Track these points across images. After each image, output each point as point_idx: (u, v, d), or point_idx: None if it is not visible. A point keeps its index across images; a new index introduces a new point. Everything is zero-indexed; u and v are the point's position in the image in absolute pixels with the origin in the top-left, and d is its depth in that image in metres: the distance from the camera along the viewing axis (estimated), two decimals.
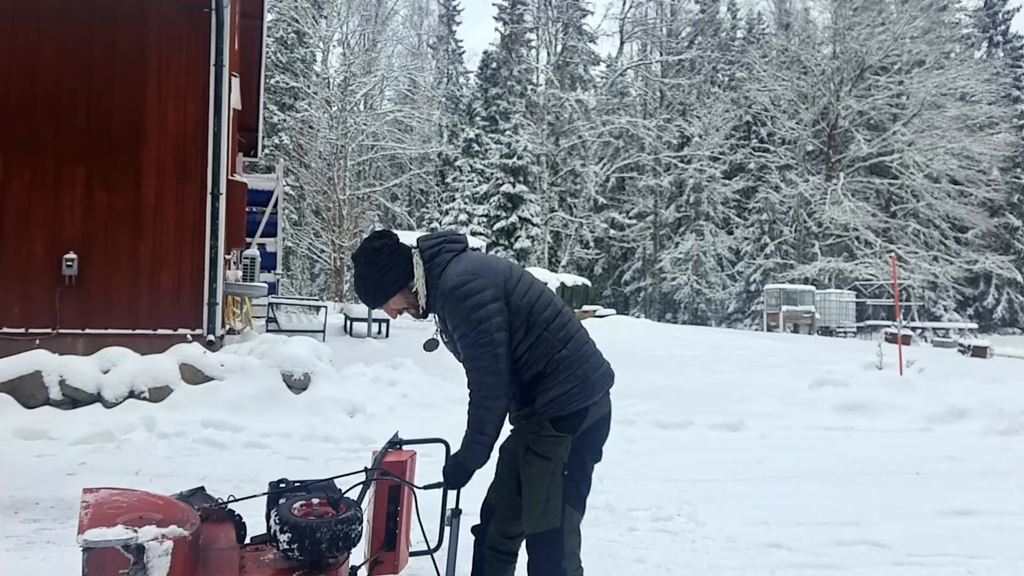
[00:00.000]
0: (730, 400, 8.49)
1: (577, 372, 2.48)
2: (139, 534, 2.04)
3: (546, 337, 2.46)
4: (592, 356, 2.56)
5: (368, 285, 2.52)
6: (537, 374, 2.47)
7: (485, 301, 2.38)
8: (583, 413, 2.49)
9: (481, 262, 2.49)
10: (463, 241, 2.59)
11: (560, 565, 2.47)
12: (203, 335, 8.57)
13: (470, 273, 2.42)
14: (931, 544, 4.09)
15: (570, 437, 2.48)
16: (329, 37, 36.47)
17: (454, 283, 2.42)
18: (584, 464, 2.55)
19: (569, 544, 2.50)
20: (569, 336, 2.51)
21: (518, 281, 2.51)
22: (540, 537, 2.49)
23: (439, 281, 2.47)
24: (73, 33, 8.51)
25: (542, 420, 2.46)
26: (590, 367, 2.52)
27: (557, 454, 2.47)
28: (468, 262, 2.47)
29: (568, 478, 2.48)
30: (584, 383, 2.48)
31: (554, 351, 2.47)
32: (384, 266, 2.48)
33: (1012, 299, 35.96)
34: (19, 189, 8.35)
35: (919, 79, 31.77)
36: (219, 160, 8.72)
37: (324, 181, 30.55)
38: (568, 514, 2.48)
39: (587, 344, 2.57)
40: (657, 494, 4.95)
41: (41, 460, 5.57)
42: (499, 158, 33.38)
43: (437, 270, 2.48)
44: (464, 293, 2.39)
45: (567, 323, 2.53)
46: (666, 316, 36.52)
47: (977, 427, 7.46)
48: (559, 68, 38.55)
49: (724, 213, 36.93)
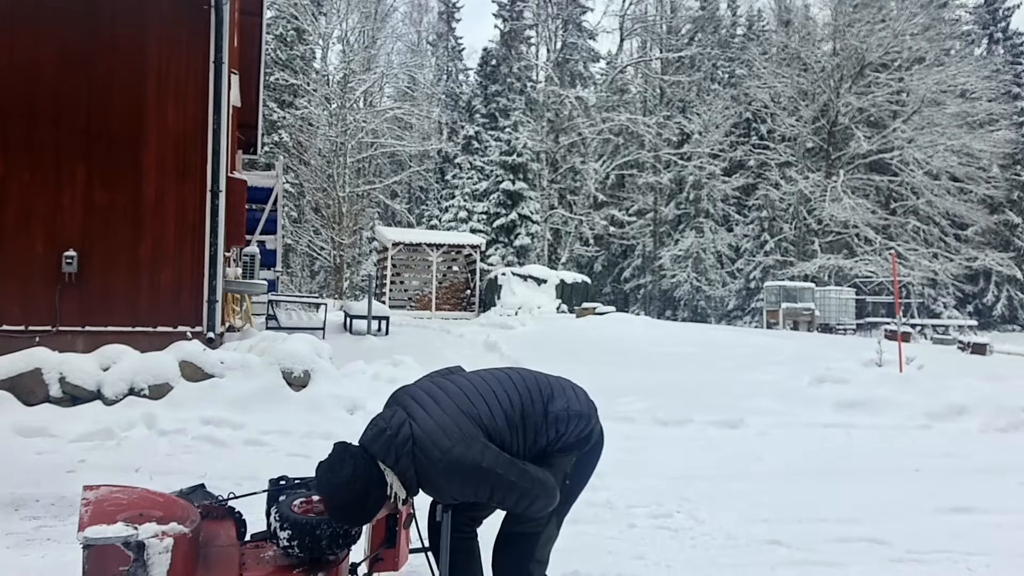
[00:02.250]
0: (730, 397, 8.49)
1: (570, 415, 2.56)
2: (139, 531, 2.04)
3: (530, 423, 2.51)
4: (568, 395, 2.63)
5: (352, 516, 2.41)
6: (542, 445, 2.54)
7: (474, 457, 2.31)
8: (589, 435, 2.61)
9: (440, 427, 2.35)
10: (403, 421, 2.40)
11: (526, 567, 2.52)
12: (203, 332, 8.57)
13: (441, 448, 2.32)
14: (930, 541, 4.10)
15: (576, 453, 2.57)
16: (328, 34, 36.43)
17: (440, 467, 2.32)
18: (582, 480, 2.64)
19: (541, 552, 2.54)
20: (544, 403, 2.56)
21: (479, 410, 2.45)
22: (517, 537, 2.52)
23: (413, 466, 2.36)
24: (73, 31, 8.50)
25: (552, 451, 2.54)
26: (573, 403, 2.60)
27: (560, 465, 2.54)
28: (431, 437, 2.34)
29: (566, 488, 2.55)
30: (579, 417, 2.58)
31: (543, 424, 2.53)
32: (362, 493, 2.35)
33: (1012, 296, 35.95)
34: (19, 187, 8.35)
35: (919, 76, 31.73)
36: (219, 157, 8.72)
37: (324, 178, 30.54)
38: (551, 523, 2.53)
39: (557, 388, 2.63)
40: (656, 491, 4.96)
41: (41, 457, 5.58)
42: (499, 155, 33.34)
43: (406, 467, 2.36)
44: (452, 466, 2.31)
45: (531, 396, 2.55)
46: (666, 313, 36.51)
47: (976, 424, 7.47)
48: (559, 65, 38.50)
49: (724, 210, 36.90)
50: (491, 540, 2.67)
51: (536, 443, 2.51)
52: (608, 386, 9.12)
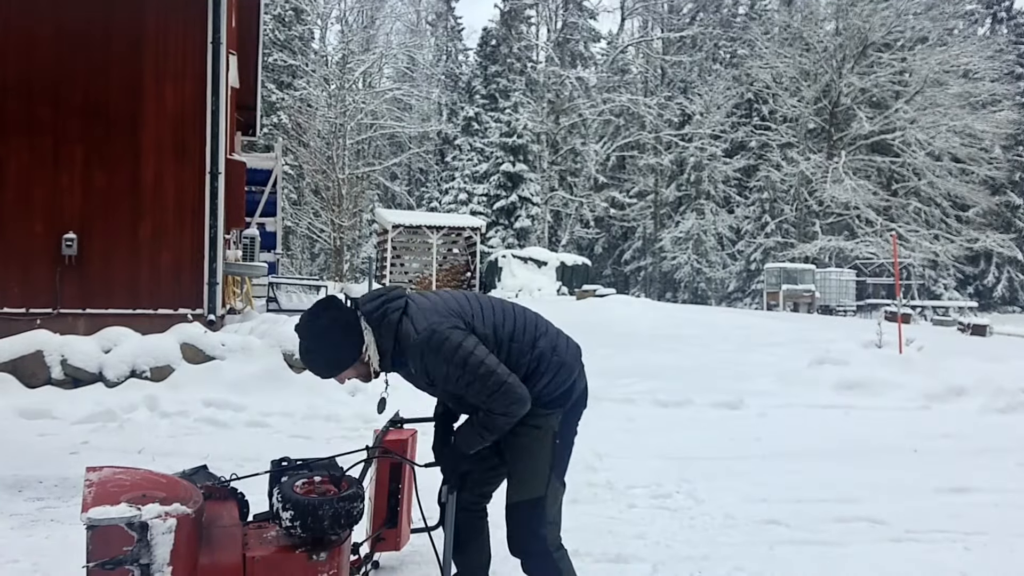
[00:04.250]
0: (729, 379, 8.50)
1: (553, 360, 2.55)
2: (142, 512, 2.05)
3: (516, 348, 2.51)
4: (558, 339, 2.63)
5: (321, 362, 2.46)
6: (521, 379, 2.51)
7: (458, 340, 2.37)
8: (571, 389, 2.58)
9: (434, 307, 2.46)
10: (403, 295, 2.52)
11: (540, 532, 2.52)
12: (204, 315, 8.58)
13: (431, 324, 2.39)
14: (929, 521, 4.12)
15: (561, 410, 2.55)
16: (327, 14, 36.23)
17: (422, 337, 2.38)
18: (570, 435, 2.62)
19: (551, 513, 2.55)
20: (535, 336, 2.57)
21: (473, 310, 2.52)
22: (524, 504, 2.53)
23: (394, 342, 2.43)
24: (70, 12, 8.44)
25: (535, 407, 2.50)
26: (561, 350, 2.60)
27: (548, 424, 2.53)
28: (423, 312, 2.44)
29: (557, 447, 2.55)
30: (562, 366, 2.56)
31: (526, 355, 2.52)
32: (335, 342, 2.41)
33: (1012, 277, 35.94)
34: (18, 169, 8.33)
35: (922, 56, 31.51)
36: (217, 139, 8.68)
37: (323, 160, 30.44)
38: (552, 483, 2.53)
39: (550, 331, 2.64)
40: (656, 472, 4.98)
41: (44, 439, 5.60)
42: (499, 137, 33.21)
43: (388, 332, 2.43)
44: (436, 344, 2.37)
45: (527, 324, 2.59)
46: (666, 295, 36.51)
47: (976, 405, 7.48)
48: (559, 45, 38.24)
49: (725, 192, 36.79)
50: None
51: (516, 370, 2.49)
52: (608, 368, 9.14)
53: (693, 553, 3.62)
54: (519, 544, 2.54)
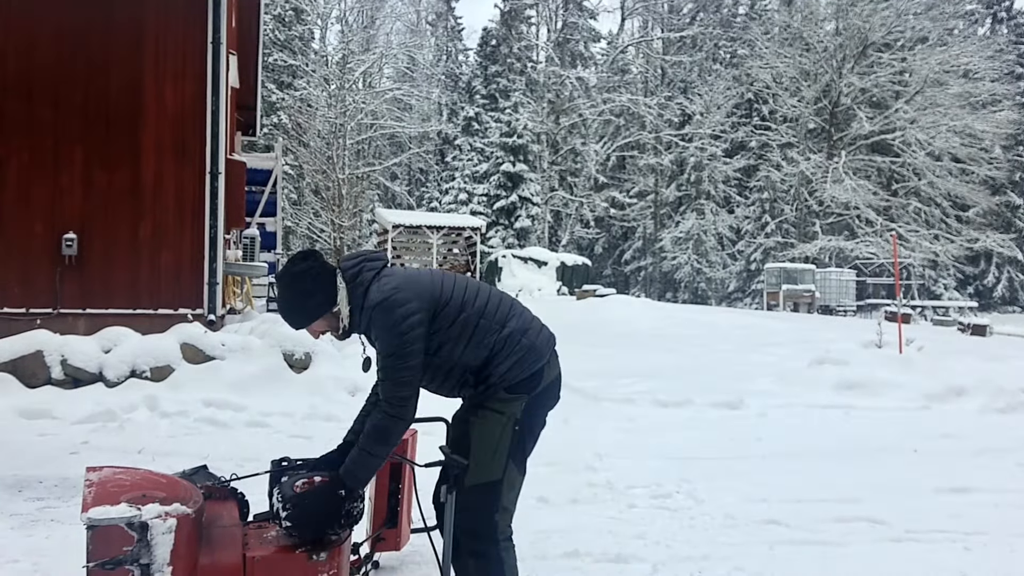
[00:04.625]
0: (729, 379, 8.50)
1: (522, 342, 2.54)
2: (143, 512, 2.05)
3: (483, 324, 2.52)
4: (532, 324, 2.63)
5: (293, 309, 2.52)
6: (485, 358, 2.52)
7: (410, 313, 2.40)
8: (538, 375, 2.56)
9: (405, 277, 2.52)
10: (383, 258, 2.61)
11: (493, 517, 2.50)
12: (204, 315, 8.58)
13: (394, 288, 2.45)
14: (929, 521, 4.12)
15: (526, 396, 2.53)
16: (327, 14, 36.22)
17: (380, 297, 2.43)
18: (534, 425, 2.59)
19: (506, 498, 2.53)
20: (505, 316, 2.57)
21: (442, 286, 2.54)
22: (478, 488, 2.51)
23: (363, 300, 2.48)
24: (70, 11, 8.44)
25: (497, 391, 2.51)
26: (532, 333, 2.59)
27: (510, 410, 2.51)
28: (392, 278, 2.49)
29: (517, 434, 2.52)
30: (530, 349, 2.55)
31: (494, 334, 2.52)
32: (308, 290, 2.48)
33: (1012, 277, 35.94)
34: (18, 169, 8.33)
35: (922, 56, 31.51)
36: (218, 139, 8.68)
37: (323, 160, 30.41)
38: (509, 469, 2.51)
39: (524, 315, 2.64)
40: (656, 472, 4.98)
41: (44, 439, 5.60)
42: (499, 137, 33.21)
43: (360, 290, 2.48)
44: (389, 305, 2.41)
45: (500, 304, 2.59)
46: (666, 295, 36.51)
47: (976, 405, 7.48)
48: (559, 45, 38.25)
49: (725, 192, 36.79)
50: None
51: (489, 354, 2.50)
52: (608, 368, 9.14)
53: (693, 553, 3.62)
54: (470, 524, 2.51)
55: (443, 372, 2.55)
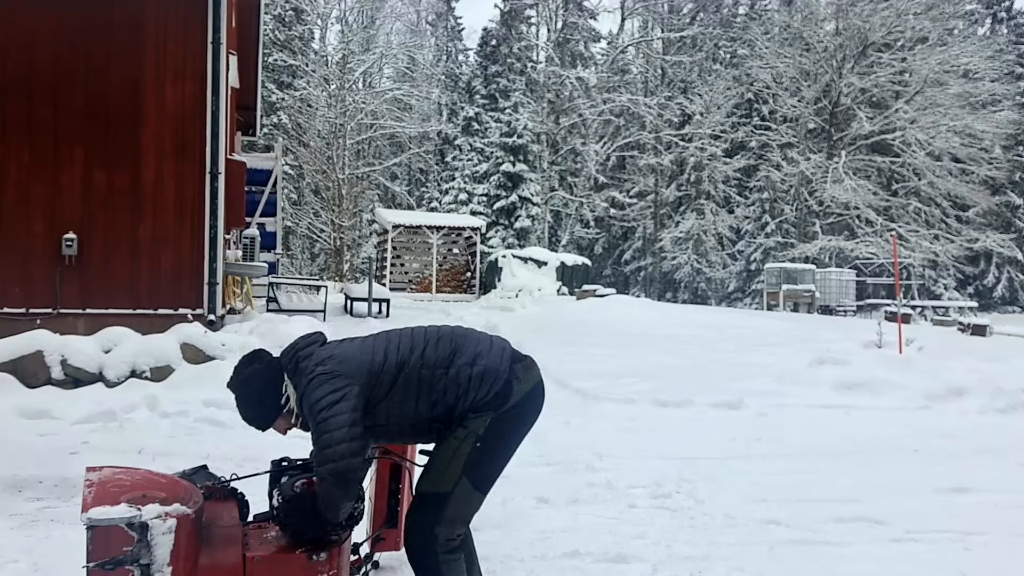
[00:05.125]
0: (729, 379, 8.50)
1: (472, 372, 2.51)
2: (142, 512, 2.05)
3: (426, 374, 2.50)
4: (478, 349, 2.58)
5: (248, 417, 2.56)
6: (446, 404, 2.50)
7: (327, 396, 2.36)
8: (504, 392, 2.52)
9: (334, 356, 2.47)
10: (316, 340, 2.57)
11: (432, 530, 2.47)
12: (204, 315, 8.58)
13: (320, 373, 2.41)
14: (929, 521, 4.12)
15: (491, 413, 2.50)
16: (327, 14, 36.16)
17: (305, 383, 2.42)
18: (499, 444, 2.54)
19: (451, 512, 2.49)
20: (448, 355, 2.54)
21: (374, 356, 2.50)
22: (427, 496, 2.51)
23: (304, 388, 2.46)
24: (70, 11, 8.45)
25: (466, 414, 2.51)
26: (481, 358, 2.54)
27: (473, 426, 2.50)
28: (319, 360, 2.46)
29: (477, 450, 2.49)
30: (484, 374, 2.51)
31: (441, 379, 2.50)
32: (256, 396, 2.51)
33: (1012, 278, 35.93)
34: (18, 169, 8.33)
35: (922, 56, 31.49)
36: (218, 139, 8.68)
37: (323, 160, 30.41)
38: (462, 484, 2.48)
39: (466, 347, 2.58)
40: (657, 472, 4.98)
41: (44, 439, 5.61)
42: (499, 137, 33.20)
43: (303, 380, 2.46)
44: (310, 389, 2.39)
45: (438, 347, 2.55)
46: (666, 295, 36.49)
47: (976, 405, 7.48)
48: (559, 45, 38.22)
49: (725, 192, 36.78)
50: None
51: (443, 398, 2.48)
52: (608, 368, 9.15)
53: (693, 553, 3.62)
54: (410, 533, 2.52)
55: (410, 426, 2.54)
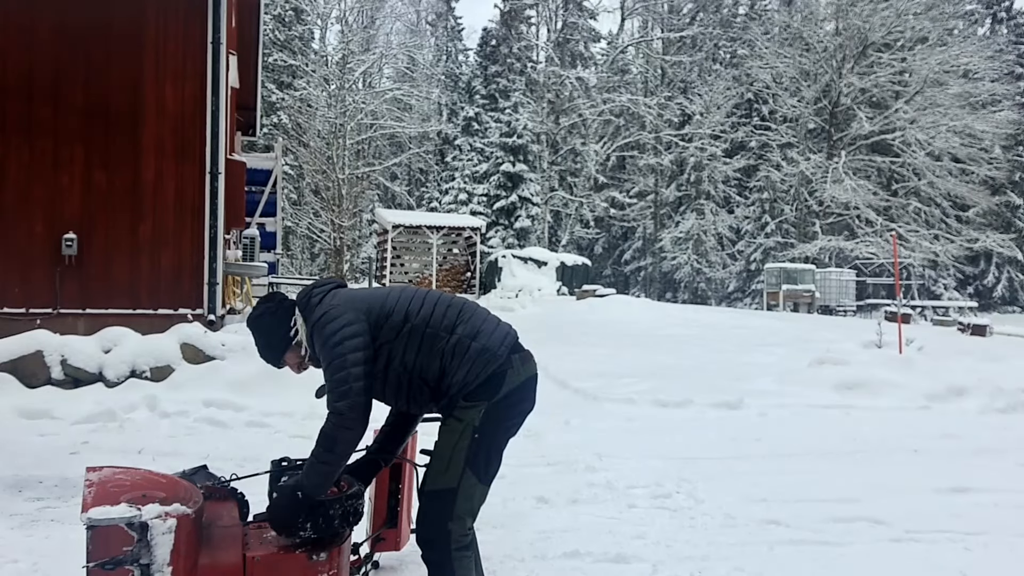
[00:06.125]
0: (729, 379, 8.50)
1: (472, 346, 2.52)
2: (142, 512, 2.05)
3: (429, 333, 2.52)
4: (482, 327, 2.58)
5: (261, 349, 2.67)
6: (438, 370, 2.52)
7: (343, 325, 2.44)
8: (497, 378, 2.51)
9: (346, 296, 2.58)
10: (333, 283, 2.69)
11: (446, 526, 2.48)
12: (204, 315, 8.58)
13: (331, 306, 2.51)
14: (929, 521, 4.12)
15: (485, 403, 2.50)
16: (327, 14, 36.19)
17: (317, 315, 2.51)
18: (496, 432, 2.54)
19: (461, 507, 2.49)
20: (453, 323, 2.55)
21: (386, 300, 2.57)
22: (434, 494, 2.51)
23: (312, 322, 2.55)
24: (70, 11, 8.45)
25: (457, 399, 2.51)
26: (483, 336, 2.55)
27: (468, 417, 2.49)
28: (334, 297, 2.57)
29: (476, 442, 2.49)
30: (482, 352, 2.52)
31: (442, 341, 2.52)
32: (267, 329, 2.62)
33: (1012, 278, 35.94)
34: (17, 169, 8.33)
35: (922, 56, 31.50)
36: (217, 139, 8.68)
37: (323, 160, 30.41)
38: (466, 477, 2.48)
39: (472, 321, 2.59)
40: (656, 472, 4.98)
41: (44, 439, 5.61)
42: (499, 137, 33.21)
43: (315, 315, 2.55)
44: (324, 321, 2.48)
45: (447, 312, 2.58)
46: (666, 295, 36.51)
47: (976, 405, 7.48)
48: (559, 45, 38.24)
49: (725, 192, 36.79)
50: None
51: (439, 362, 2.49)
52: (608, 368, 9.15)
53: (693, 553, 3.62)
54: (423, 533, 2.53)
55: (399, 383, 2.55)
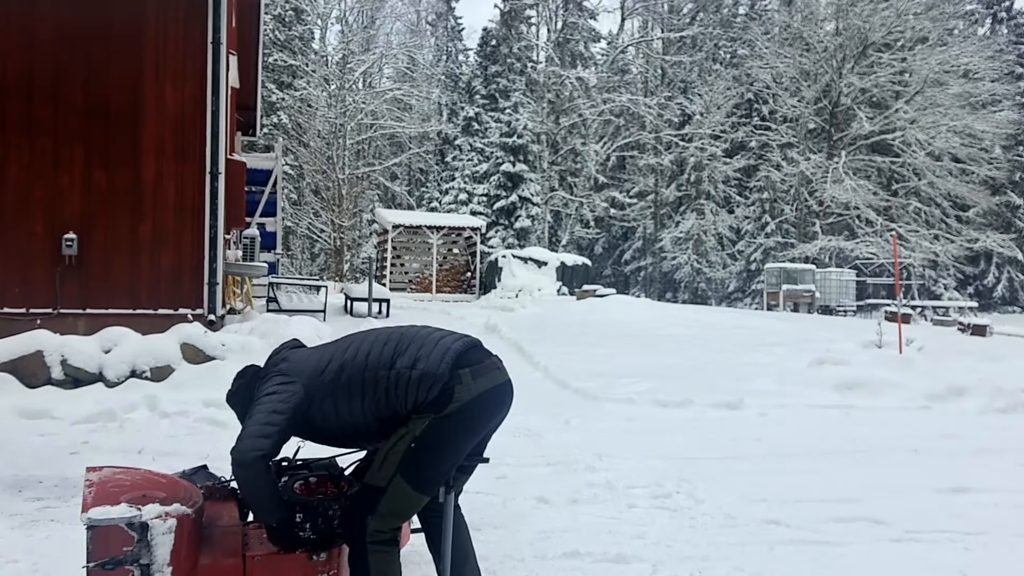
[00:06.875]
0: (729, 379, 8.50)
1: (412, 376, 2.54)
2: (143, 512, 2.05)
3: (368, 376, 2.56)
4: (420, 351, 2.60)
5: (240, 420, 2.70)
6: (386, 406, 2.56)
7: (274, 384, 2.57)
8: (444, 396, 2.53)
9: (289, 359, 2.70)
10: (289, 345, 2.81)
11: (364, 519, 2.51)
12: (204, 315, 8.58)
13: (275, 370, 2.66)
14: (929, 521, 4.12)
15: (430, 416, 2.52)
16: (327, 14, 36.18)
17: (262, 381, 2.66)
18: (440, 446, 2.55)
19: (385, 507, 2.52)
20: (390, 358, 2.59)
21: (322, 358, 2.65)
22: (365, 487, 2.55)
23: None
24: (70, 12, 8.45)
25: (410, 415, 2.56)
26: (421, 361, 2.57)
27: (412, 426, 2.53)
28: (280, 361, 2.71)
29: (412, 451, 2.51)
30: (423, 378, 2.54)
31: (384, 379, 2.56)
32: (242, 402, 2.70)
33: (1012, 278, 35.93)
34: (18, 169, 8.33)
35: (922, 56, 31.49)
36: (218, 139, 8.68)
37: (323, 160, 30.42)
38: (396, 482, 2.50)
39: (411, 346, 2.62)
40: (657, 472, 4.98)
41: (44, 439, 5.61)
42: (499, 137, 33.20)
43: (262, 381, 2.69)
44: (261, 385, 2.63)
45: (383, 348, 2.62)
46: (666, 295, 36.50)
47: (975, 405, 7.48)
48: (559, 45, 38.23)
49: (725, 192, 36.78)
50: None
51: (385, 399, 2.54)
52: (608, 368, 9.14)
53: (693, 553, 3.62)
54: (344, 520, 2.57)
55: (362, 427, 2.59)
